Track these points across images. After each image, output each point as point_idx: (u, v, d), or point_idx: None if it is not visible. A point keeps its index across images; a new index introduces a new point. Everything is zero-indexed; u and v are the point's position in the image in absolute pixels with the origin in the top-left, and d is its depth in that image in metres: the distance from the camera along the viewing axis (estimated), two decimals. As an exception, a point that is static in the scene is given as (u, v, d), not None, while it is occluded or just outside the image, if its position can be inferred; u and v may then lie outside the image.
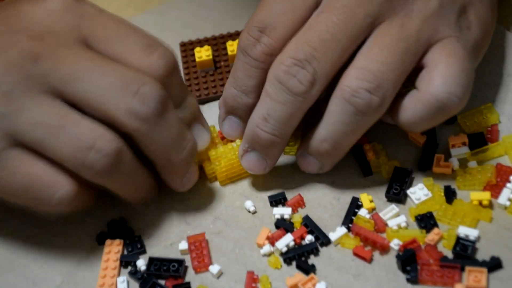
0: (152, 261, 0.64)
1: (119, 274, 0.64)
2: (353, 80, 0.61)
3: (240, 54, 0.65)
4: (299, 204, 0.66)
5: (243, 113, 0.66)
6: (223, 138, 0.69)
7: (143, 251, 0.65)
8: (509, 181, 0.64)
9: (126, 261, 0.64)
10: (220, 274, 0.63)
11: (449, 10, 0.63)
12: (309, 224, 0.64)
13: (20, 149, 0.61)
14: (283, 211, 0.65)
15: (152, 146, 0.62)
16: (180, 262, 0.63)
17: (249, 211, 0.66)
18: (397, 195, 0.65)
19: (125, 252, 0.65)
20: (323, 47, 0.62)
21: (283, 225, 0.65)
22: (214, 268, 0.63)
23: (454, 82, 0.61)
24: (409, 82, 0.63)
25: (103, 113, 0.61)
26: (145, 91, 0.60)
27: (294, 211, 0.66)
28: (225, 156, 0.67)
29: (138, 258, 0.64)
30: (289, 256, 0.63)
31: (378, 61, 0.61)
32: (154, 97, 0.61)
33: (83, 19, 0.63)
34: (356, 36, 0.62)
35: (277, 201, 0.66)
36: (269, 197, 0.67)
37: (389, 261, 0.62)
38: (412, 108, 0.62)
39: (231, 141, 0.68)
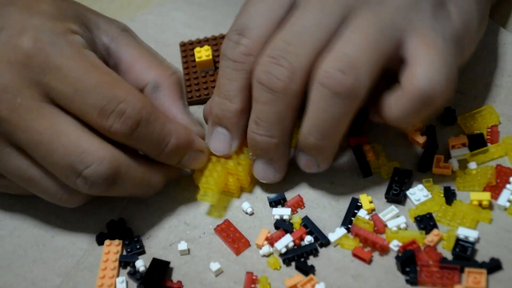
0: (153, 261, 0.64)
1: (118, 275, 0.64)
2: (326, 63, 0.61)
3: (222, 60, 0.65)
4: (298, 204, 0.66)
5: (229, 122, 0.65)
6: None
7: (142, 251, 0.65)
8: (509, 182, 0.64)
9: (125, 262, 0.64)
10: (219, 272, 0.63)
11: (425, 1, 0.63)
12: (308, 225, 0.64)
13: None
14: (283, 212, 0.65)
15: None
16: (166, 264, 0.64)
17: (246, 213, 0.66)
18: (397, 196, 0.65)
19: (124, 253, 0.65)
20: (296, 41, 0.62)
21: (283, 226, 0.65)
22: (214, 266, 0.63)
23: (435, 72, 0.60)
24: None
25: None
26: (88, 174, 0.61)
27: (294, 211, 0.66)
28: (244, 170, 0.67)
29: (137, 259, 0.64)
30: (288, 257, 0.63)
31: (350, 42, 0.61)
32: (97, 180, 0.62)
33: (43, 73, 0.62)
34: (329, 27, 0.62)
35: (277, 201, 0.66)
36: (269, 198, 0.67)
37: (389, 262, 0.62)
38: (397, 104, 0.61)
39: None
